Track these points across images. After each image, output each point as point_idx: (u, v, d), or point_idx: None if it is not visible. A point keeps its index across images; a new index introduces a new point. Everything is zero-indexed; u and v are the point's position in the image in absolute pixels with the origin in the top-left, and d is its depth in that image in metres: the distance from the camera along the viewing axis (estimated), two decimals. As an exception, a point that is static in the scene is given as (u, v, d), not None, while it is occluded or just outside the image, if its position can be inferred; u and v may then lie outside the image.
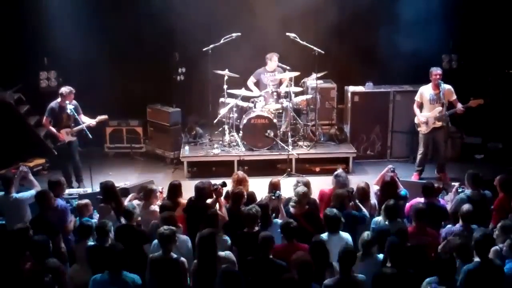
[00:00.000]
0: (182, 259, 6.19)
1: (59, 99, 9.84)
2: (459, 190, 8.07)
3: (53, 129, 9.91)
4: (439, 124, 10.10)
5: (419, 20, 11.41)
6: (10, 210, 7.84)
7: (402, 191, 7.95)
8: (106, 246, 6.33)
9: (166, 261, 6.12)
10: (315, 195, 7.86)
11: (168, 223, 6.42)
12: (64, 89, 9.83)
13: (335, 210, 6.80)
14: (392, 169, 8.13)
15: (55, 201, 7.54)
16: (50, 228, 6.99)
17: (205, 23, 11.39)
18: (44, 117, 9.99)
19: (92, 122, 9.93)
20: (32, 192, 7.97)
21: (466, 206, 7.03)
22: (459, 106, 10.00)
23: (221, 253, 6.23)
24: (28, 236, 6.52)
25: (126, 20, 11.57)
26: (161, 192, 8.25)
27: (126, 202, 8.01)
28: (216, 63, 11.04)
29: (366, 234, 6.39)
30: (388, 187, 7.84)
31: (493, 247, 6.21)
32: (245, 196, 7.44)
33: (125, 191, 8.52)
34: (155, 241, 6.47)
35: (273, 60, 11.26)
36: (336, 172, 8.07)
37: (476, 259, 5.96)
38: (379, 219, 7.15)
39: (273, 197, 7.32)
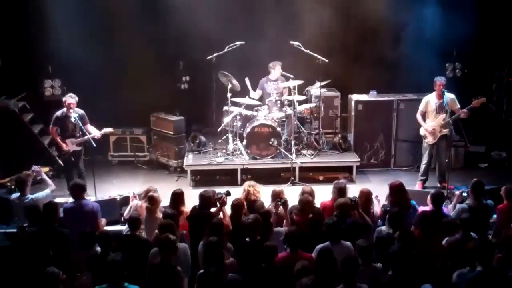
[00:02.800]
0: (178, 268, 6.16)
1: (64, 108, 9.84)
2: (463, 195, 8.04)
3: (59, 139, 9.91)
4: (445, 131, 10.07)
5: (422, 29, 11.42)
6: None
7: (411, 201, 7.84)
8: (108, 256, 6.17)
9: (165, 268, 6.09)
10: (317, 205, 7.79)
11: (167, 231, 6.41)
12: (66, 97, 9.82)
13: (335, 219, 6.77)
14: (376, 196, 7.96)
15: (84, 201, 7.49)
16: (58, 239, 6.86)
17: (209, 31, 11.41)
18: (50, 126, 9.99)
19: (97, 134, 9.89)
20: (47, 191, 7.93)
21: (465, 215, 7.01)
22: (462, 110, 9.93)
23: (227, 261, 6.25)
24: (26, 244, 6.44)
25: (130, 29, 11.61)
26: (135, 197, 8.25)
27: (126, 212, 8.01)
28: (220, 72, 11.06)
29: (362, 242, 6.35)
30: (398, 191, 7.69)
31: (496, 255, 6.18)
32: (245, 206, 7.43)
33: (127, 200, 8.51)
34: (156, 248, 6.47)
35: (276, 69, 11.28)
36: (336, 181, 8.04)
37: (479, 267, 5.93)
38: (382, 228, 7.12)
39: (279, 204, 7.32)
